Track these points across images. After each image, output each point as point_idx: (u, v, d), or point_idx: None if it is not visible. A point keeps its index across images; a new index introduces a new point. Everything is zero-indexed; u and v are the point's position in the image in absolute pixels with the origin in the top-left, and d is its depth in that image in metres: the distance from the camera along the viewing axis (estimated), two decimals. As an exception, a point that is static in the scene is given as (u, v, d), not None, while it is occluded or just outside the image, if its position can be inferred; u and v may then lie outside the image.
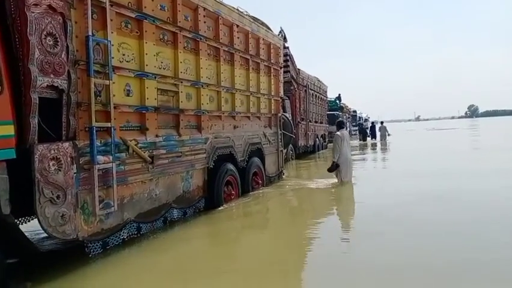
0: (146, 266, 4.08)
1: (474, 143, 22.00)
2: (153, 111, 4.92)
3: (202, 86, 5.94)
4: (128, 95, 4.62)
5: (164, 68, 5.22)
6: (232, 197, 6.76)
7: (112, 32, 4.32)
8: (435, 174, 9.70)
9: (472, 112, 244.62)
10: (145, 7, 4.80)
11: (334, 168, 8.61)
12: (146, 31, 4.82)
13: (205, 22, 6.05)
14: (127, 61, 4.63)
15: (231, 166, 6.72)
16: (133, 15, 4.66)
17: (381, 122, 29.11)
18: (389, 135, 25.97)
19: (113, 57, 4.32)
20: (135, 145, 4.62)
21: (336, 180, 8.68)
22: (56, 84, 3.60)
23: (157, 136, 4.99)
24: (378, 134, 27.47)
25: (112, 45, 4.32)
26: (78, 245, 3.98)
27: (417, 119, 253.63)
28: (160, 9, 5.17)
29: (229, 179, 6.69)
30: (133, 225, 4.63)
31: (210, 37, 6.18)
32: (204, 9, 6.01)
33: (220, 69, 6.51)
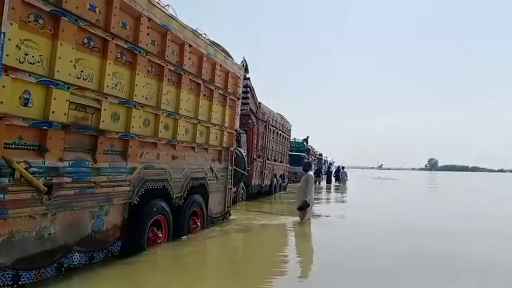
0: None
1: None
2: (59, 128, 3.92)
3: (135, 105, 5.01)
4: (25, 104, 3.63)
5: (84, 79, 4.28)
6: (159, 241, 5.70)
7: (11, 24, 3.40)
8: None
9: (432, 165, 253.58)
10: (66, 2, 3.92)
11: (305, 207, 9.03)
12: (63, 30, 3.90)
13: (148, 34, 5.21)
14: (31, 63, 3.66)
15: (162, 203, 5.72)
16: (48, 9, 3.75)
17: (342, 167, 30.93)
18: (347, 180, 28.91)
19: (7, 55, 3.38)
20: (25, 168, 3.59)
21: (292, 218, 9.36)
22: None
23: (60, 160, 3.97)
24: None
25: (9, 39, 3.39)
26: None
27: (380, 167, 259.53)
28: (89, 9, 4.30)
29: (158, 219, 5.67)
30: (8, 274, 3.53)
31: (152, 52, 5.33)
32: (149, 19, 5.19)
33: (163, 90, 5.62)
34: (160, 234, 5.72)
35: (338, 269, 5.54)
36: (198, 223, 7.00)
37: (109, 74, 4.56)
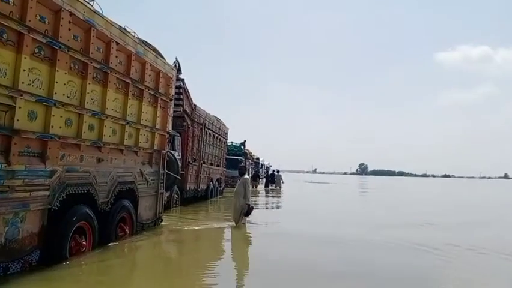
0: None
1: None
2: (-37, 127, 3.57)
3: (55, 104, 4.69)
4: None
5: (-5, 74, 3.94)
6: (83, 249, 5.35)
7: None
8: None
9: (362, 170, 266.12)
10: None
11: (250, 211, 9.15)
12: (-31, 20, 3.57)
13: (69, 29, 4.91)
14: None
15: (86, 209, 5.40)
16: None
17: (278, 171, 31.17)
18: (283, 183, 30.06)
19: None
20: None
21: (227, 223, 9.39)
22: None
23: (-33, 162, 3.61)
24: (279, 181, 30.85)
25: None
26: None
27: (315, 171, 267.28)
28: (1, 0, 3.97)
29: (81, 225, 5.34)
30: None
31: (75, 48, 5.03)
32: (71, 14, 4.90)
33: (87, 88, 5.32)
34: (84, 242, 5.37)
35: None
36: (127, 230, 6.70)
37: (24, 70, 4.22)
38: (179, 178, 10.11)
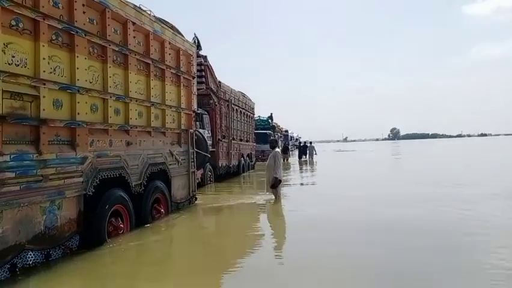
0: None
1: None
2: (-9, 120, 3.59)
3: (79, 90, 4.67)
4: None
5: (17, 65, 3.91)
6: (121, 232, 5.44)
7: None
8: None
9: (394, 135, 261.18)
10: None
11: (278, 184, 9.00)
12: (-17, 12, 3.53)
13: (84, 13, 4.83)
14: (-51, 50, 3.30)
15: (120, 192, 5.45)
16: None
17: (310, 142, 31.90)
18: (315, 154, 29.53)
19: None
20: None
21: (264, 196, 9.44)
22: None
23: (0, 154, 3.65)
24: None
25: None
26: None
27: (345, 140, 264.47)
28: (14, -12, 3.91)
29: (117, 209, 5.40)
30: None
31: (92, 32, 4.97)
32: (84, -4, 4.82)
33: (108, 72, 5.29)
34: (122, 225, 5.47)
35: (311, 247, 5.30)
36: (162, 210, 6.77)
37: (44, 58, 4.19)
38: (209, 156, 10.11)
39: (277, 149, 9.67)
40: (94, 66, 5.06)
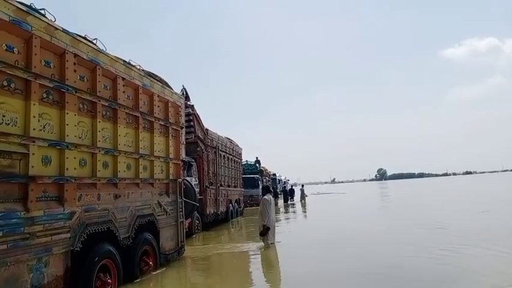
0: None
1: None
2: (-22, 180, 3.60)
3: (68, 146, 4.73)
4: None
5: (7, 123, 3.97)
6: (109, 287, 5.33)
7: None
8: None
9: (381, 175, 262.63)
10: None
11: (266, 231, 9.03)
12: (-23, 75, 3.64)
13: (75, 71, 4.98)
14: None
15: (108, 246, 5.39)
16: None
17: (302, 185, 33.48)
18: (306, 196, 30.85)
19: None
20: None
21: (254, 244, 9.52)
22: None
23: (-14, 214, 3.63)
24: (297, 195, 32.28)
25: None
26: None
27: (333, 181, 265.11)
28: (6, 49, 4.04)
29: (105, 263, 5.31)
30: None
31: (82, 89, 5.10)
32: (75, 55, 4.98)
33: (98, 127, 5.37)
34: (110, 280, 5.34)
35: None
36: (151, 263, 6.64)
37: (34, 116, 4.28)
38: (198, 205, 10.07)
39: (266, 196, 9.62)
40: (84, 121, 5.15)
